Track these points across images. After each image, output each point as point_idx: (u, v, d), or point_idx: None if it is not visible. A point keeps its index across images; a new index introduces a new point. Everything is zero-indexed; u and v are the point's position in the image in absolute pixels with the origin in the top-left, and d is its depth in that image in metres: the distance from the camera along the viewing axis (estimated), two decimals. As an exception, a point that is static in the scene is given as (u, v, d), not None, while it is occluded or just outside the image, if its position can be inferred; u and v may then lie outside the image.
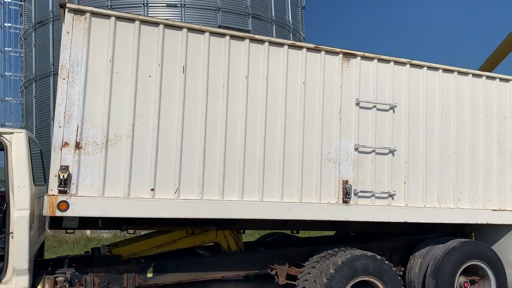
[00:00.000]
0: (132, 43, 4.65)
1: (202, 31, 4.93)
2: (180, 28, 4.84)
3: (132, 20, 4.68)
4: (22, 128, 21.00)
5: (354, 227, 6.19)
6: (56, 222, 4.99)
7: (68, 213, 4.35)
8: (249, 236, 11.23)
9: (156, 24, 4.76)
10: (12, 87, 22.62)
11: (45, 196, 4.36)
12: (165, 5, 18.34)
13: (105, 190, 4.47)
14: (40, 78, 19.33)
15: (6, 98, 22.38)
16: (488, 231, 6.58)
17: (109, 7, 17.74)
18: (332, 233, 7.70)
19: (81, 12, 4.50)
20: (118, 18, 4.63)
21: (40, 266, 5.27)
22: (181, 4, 18.26)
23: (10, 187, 4.51)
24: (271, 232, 7.66)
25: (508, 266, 6.27)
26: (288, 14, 21.82)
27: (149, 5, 18.06)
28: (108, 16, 4.60)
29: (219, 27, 18.68)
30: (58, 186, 4.30)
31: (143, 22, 4.71)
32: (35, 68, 19.94)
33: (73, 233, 5.42)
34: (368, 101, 5.55)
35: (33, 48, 20.06)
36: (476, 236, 6.77)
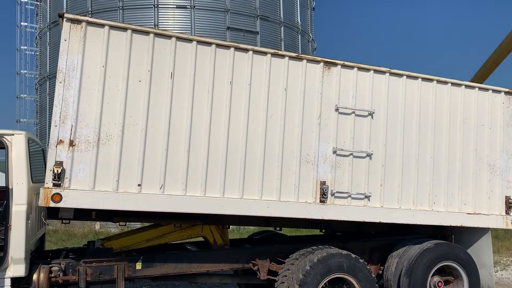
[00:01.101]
0: (124, 50, 5.01)
1: (190, 40, 5.28)
2: (169, 37, 5.20)
3: (124, 29, 5.04)
4: (36, 124, 21.71)
5: (335, 226, 6.48)
6: (53, 213, 5.41)
7: (61, 204, 4.74)
8: (246, 235, 11.60)
9: (146, 33, 5.12)
10: (27, 85, 23.30)
11: (40, 188, 4.76)
12: (175, 6, 18.76)
13: (95, 185, 4.85)
14: (54, 76, 19.76)
15: (21, 95, 23.08)
16: (466, 234, 6.81)
17: (121, 8, 18.27)
18: (318, 232, 8.01)
19: (78, 22, 4.89)
20: (112, 27, 5.00)
21: (39, 256, 5.63)
22: (190, 6, 18.65)
23: (9, 183, 4.92)
24: (261, 230, 7.98)
25: (483, 268, 6.51)
26: (297, 16, 22.03)
27: (159, 6, 18.50)
28: (102, 25, 4.97)
29: (228, 28, 19.09)
30: (53, 180, 4.69)
31: (134, 31, 5.07)
32: (50, 66, 20.61)
33: (69, 223, 5.82)
34: (347, 107, 5.84)
35: (48, 47, 20.74)
36: (456, 239, 6.99)
